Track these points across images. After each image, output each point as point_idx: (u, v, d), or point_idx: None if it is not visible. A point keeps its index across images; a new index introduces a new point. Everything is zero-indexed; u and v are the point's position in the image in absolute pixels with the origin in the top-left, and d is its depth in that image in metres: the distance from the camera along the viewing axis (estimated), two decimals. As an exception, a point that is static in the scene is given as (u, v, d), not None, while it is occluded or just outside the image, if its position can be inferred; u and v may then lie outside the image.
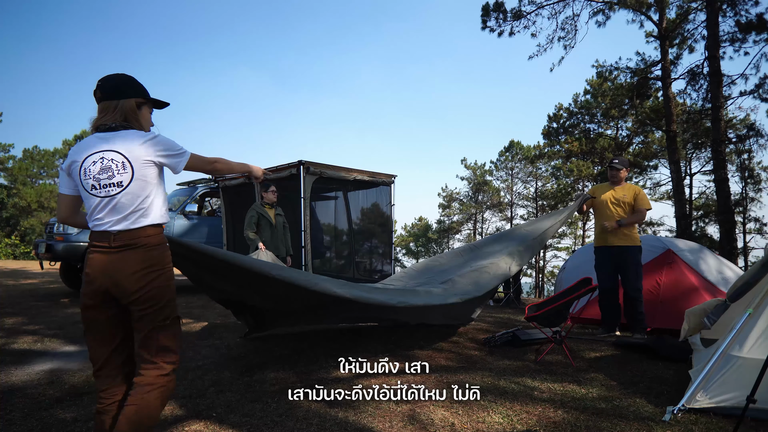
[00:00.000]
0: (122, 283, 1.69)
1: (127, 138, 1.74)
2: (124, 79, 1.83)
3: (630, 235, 4.33)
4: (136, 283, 1.70)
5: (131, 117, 1.80)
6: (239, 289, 3.21)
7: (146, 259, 1.73)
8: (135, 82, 1.85)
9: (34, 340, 4.02)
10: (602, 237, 4.46)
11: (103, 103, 1.79)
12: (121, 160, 1.71)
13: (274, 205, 5.03)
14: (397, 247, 36.37)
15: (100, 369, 1.79)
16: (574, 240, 28.65)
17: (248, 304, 3.57)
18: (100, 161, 1.71)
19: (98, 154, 1.72)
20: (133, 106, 1.81)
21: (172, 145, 1.80)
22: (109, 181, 1.70)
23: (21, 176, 29.96)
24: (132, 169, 1.72)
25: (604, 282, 4.35)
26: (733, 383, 2.46)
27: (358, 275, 6.98)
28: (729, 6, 11.13)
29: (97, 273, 1.70)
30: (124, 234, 1.71)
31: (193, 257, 2.77)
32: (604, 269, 4.43)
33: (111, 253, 1.70)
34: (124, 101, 1.79)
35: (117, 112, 1.78)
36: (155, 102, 1.92)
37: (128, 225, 1.71)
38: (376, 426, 2.35)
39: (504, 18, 12.58)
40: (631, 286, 4.28)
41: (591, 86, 21.09)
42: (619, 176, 4.47)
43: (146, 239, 1.74)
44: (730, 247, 9.64)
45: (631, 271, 4.28)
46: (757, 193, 21.56)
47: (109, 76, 1.83)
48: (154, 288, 1.73)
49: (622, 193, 4.39)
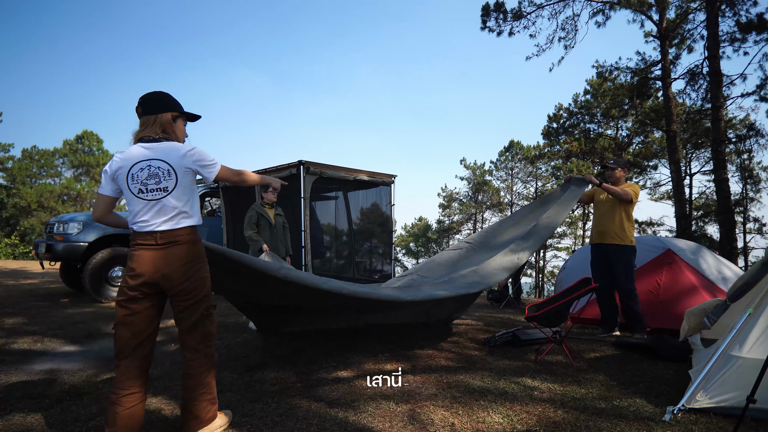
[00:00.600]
0: (171, 275, 1.95)
1: (171, 149, 2.00)
2: (160, 95, 2.09)
3: (623, 235, 4.32)
4: (183, 275, 1.97)
5: (168, 129, 2.06)
6: (256, 289, 3.21)
7: (190, 253, 2.00)
8: (170, 98, 2.11)
9: (34, 340, 4.02)
10: (597, 235, 4.48)
11: (144, 117, 2.05)
12: (166, 168, 1.97)
13: (274, 205, 5.02)
14: (397, 247, 36.37)
15: (124, 359, 1.97)
16: (574, 240, 28.66)
17: (263, 304, 3.58)
18: (147, 168, 1.96)
19: (145, 162, 1.96)
20: (169, 119, 2.07)
21: (207, 157, 2.06)
22: (156, 186, 1.96)
23: (20, 176, 29.95)
24: (176, 176, 1.98)
25: (598, 280, 4.35)
26: (733, 383, 2.46)
27: (358, 275, 6.98)
28: (728, 6, 11.13)
29: (145, 267, 1.94)
30: (168, 233, 1.96)
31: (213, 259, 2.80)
32: (597, 267, 4.48)
33: (158, 249, 1.95)
34: (161, 115, 2.05)
35: (156, 125, 2.03)
36: (188, 115, 2.18)
37: (173, 225, 1.97)
38: (376, 426, 2.35)
39: (504, 18, 12.58)
40: (621, 286, 4.30)
41: (591, 86, 21.09)
42: (615, 176, 4.48)
43: (188, 237, 2.01)
44: (730, 247, 9.64)
45: (621, 271, 4.28)
46: (757, 193, 21.59)
47: (149, 93, 2.08)
48: (197, 279, 2.01)
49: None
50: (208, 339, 2.11)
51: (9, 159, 30.68)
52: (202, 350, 2.09)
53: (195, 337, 2.07)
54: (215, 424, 2.18)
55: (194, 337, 2.07)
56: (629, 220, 4.38)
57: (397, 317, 3.97)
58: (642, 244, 5.30)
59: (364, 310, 3.65)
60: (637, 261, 4.79)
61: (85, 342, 4.02)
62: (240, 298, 3.54)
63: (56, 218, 6.42)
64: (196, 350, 2.08)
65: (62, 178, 31.71)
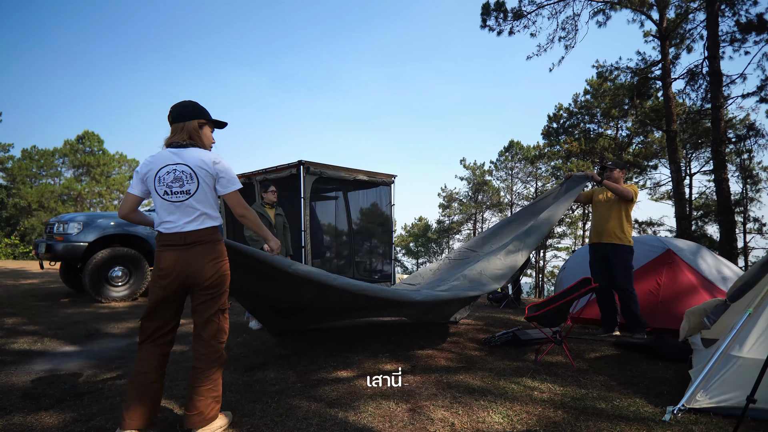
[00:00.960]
0: (197, 272, 2.09)
1: (196, 155, 2.13)
2: (188, 104, 2.22)
3: (621, 236, 4.34)
4: (209, 271, 2.11)
5: (195, 135, 2.20)
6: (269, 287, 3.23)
7: (213, 251, 2.14)
8: (198, 107, 2.24)
9: (33, 340, 4.02)
10: (596, 234, 4.51)
11: (174, 125, 2.19)
12: (189, 172, 2.10)
13: (274, 205, 5.03)
14: (396, 247, 36.36)
15: (157, 338, 2.15)
16: (574, 240, 28.66)
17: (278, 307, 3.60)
18: (173, 172, 2.09)
19: (171, 166, 2.10)
20: (196, 126, 2.21)
21: (230, 174, 2.19)
22: (180, 189, 2.09)
23: (20, 176, 29.94)
24: (198, 180, 2.11)
25: (597, 280, 4.33)
26: (733, 383, 2.46)
27: (358, 275, 6.98)
28: (728, 6, 11.12)
29: (172, 267, 2.09)
30: (193, 233, 2.10)
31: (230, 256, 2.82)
32: (596, 267, 4.50)
33: (184, 249, 2.09)
34: (188, 123, 2.19)
35: (184, 131, 2.17)
36: (215, 122, 2.31)
37: (197, 225, 2.11)
38: (376, 426, 2.35)
39: (504, 17, 12.58)
40: (619, 286, 4.31)
41: (591, 86, 21.09)
42: (613, 176, 4.49)
43: (211, 236, 2.15)
44: (730, 247, 9.64)
45: (619, 271, 4.30)
46: (757, 193, 21.58)
47: (178, 102, 2.23)
48: (220, 275, 2.15)
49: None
50: (221, 335, 2.20)
51: (9, 159, 30.68)
52: (213, 345, 2.17)
53: (209, 330, 2.17)
54: (215, 425, 2.19)
55: (208, 330, 2.17)
56: (628, 220, 4.39)
57: (401, 314, 3.99)
58: (642, 244, 5.30)
59: (370, 307, 3.66)
60: (637, 261, 4.82)
61: (85, 342, 4.02)
62: (252, 300, 3.55)
63: (56, 218, 6.42)
64: (209, 344, 2.16)
65: (62, 178, 31.72)
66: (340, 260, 7.21)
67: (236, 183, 2.21)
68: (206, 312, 2.15)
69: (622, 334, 4.49)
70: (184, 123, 2.18)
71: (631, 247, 4.36)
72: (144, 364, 2.13)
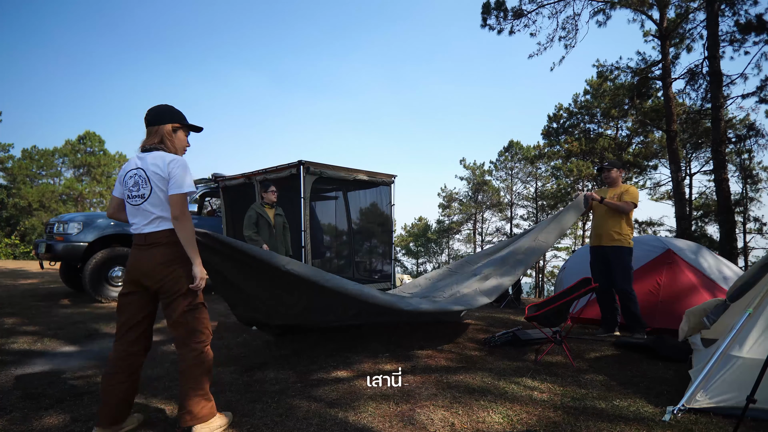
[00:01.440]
0: (149, 273, 2.13)
1: (153, 159, 2.16)
2: (162, 108, 2.26)
3: (620, 238, 4.37)
4: (159, 273, 2.12)
5: (167, 139, 2.22)
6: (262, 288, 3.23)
7: (169, 254, 2.14)
8: (173, 110, 2.27)
9: (33, 340, 4.02)
10: (596, 237, 4.55)
11: (148, 128, 2.24)
12: (144, 177, 2.15)
13: (274, 205, 5.03)
14: (396, 247, 36.36)
15: (121, 337, 2.20)
16: (574, 240, 28.65)
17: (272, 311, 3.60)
18: (134, 176, 2.17)
19: (133, 171, 2.18)
20: (170, 130, 2.24)
21: (178, 176, 2.14)
22: (137, 193, 2.16)
23: (20, 176, 29.93)
24: (151, 185, 2.14)
25: (598, 281, 4.39)
26: (733, 383, 2.46)
27: (358, 275, 6.97)
28: (728, 6, 11.12)
29: (131, 265, 2.18)
30: (151, 235, 2.15)
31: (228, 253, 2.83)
32: (597, 268, 4.54)
33: (144, 249, 2.15)
34: (162, 126, 2.22)
35: (156, 135, 2.21)
36: (190, 126, 2.33)
37: (154, 228, 2.15)
38: (376, 426, 2.35)
39: (504, 16, 12.57)
40: (618, 286, 4.36)
41: (591, 86, 21.09)
42: (611, 176, 4.57)
43: (167, 239, 2.15)
44: (730, 247, 9.64)
45: (619, 272, 4.35)
46: (757, 193, 21.58)
47: (153, 106, 2.26)
48: (174, 278, 2.14)
49: (615, 194, 4.49)
50: (195, 335, 2.18)
51: (9, 159, 30.67)
52: (190, 345, 2.17)
53: (180, 331, 2.18)
54: (215, 424, 2.20)
55: (180, 331, 2.18)
56: (628, 222, 4.41)
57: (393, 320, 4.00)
58: (642, 244, 5.31)
59: (361, 314, 3.66)
60: (637, 261, 4.85)
61: (85, 342, 4.02)
62: (246, 309, 3.54)
63: (56, 218, 6.41)
64: (185, 344, 2.18)
65: (62, 178, 31.72)
66: (340, 260, 7.20)
67: (183, 187, 2.13)
68: (172, 314, 2.17)
69: (622, 334, 4.50)
70: (158, 126, 2.22)
71: (630, 248, 4.38)
72: (112, 364, 2.17)
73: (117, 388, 2.14)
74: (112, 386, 2.14)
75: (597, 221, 4.55)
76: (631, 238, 4.41)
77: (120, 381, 2.15)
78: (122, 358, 2.17)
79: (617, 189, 4.51)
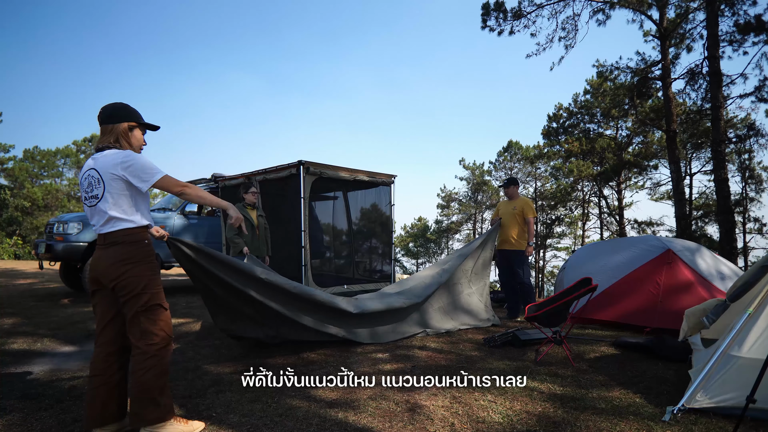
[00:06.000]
0: (105, 272, 2.13)
1: (106, 158, 2.12)
2: (117, 106, 2.22)
3: (517, 243, 5.45)
4: (113, 273, 2.11)
5: (123, 138, 2.19)
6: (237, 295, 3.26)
7: (123, 253, 2.12)
8: (128, 108, 2.23)
9: (33, 340, 4.02)
10: (501, 242, 5.61)
11: (102, 127, 2.20)
12: (96, 177, 2.12)
13: (255, 206, 5.05)
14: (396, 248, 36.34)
15: (97, 338, 2.22)
16: (573, 240, 28.64)
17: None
18: (88, 177, 2.15)
19: (87, 172, 2.15)
20: (125, 129, 2.20)
21: (143, 168, 2.12)
22: (91, 194, 2.14)
23: (22, 176, 29.92)
24: (104, 184, 2.11)
25: (502, 275, 5.72)
26: (733, 383, 2.46)
27: (358, 275, 6.97)
28: (728, 6, 11.12)
29: (92, 265, 2.20)
30: (108, 235, 2.14)
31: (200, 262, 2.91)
32: (501, 266, 5.69)
33: (103, 248, 2.15)
34: (117, 125, 2.18)
35: (111, 134, 2.18)
36: (146, 125, 2.29)
37: (110, 228, 2.13)
38: (376, 426, 2.35)
39: (504, 17, 12.58)
40: (520, 280, 5.48)
41: (591, 86, 21.06)
42: (508, 192, 5.76)
43: (124, 238, 2.13)
44: (730, 247, 9.64)
45: (519, 270, 5.47)
46: (757, 193, 21.57)
47: (107, 105, 2.21)
48: (129, 277, 2.11)
49: (513, 206, 5.53)
50: (148, 337, 2.12)
51: (10, 159, 30.65)
52: (141, 347, 2.11)
53: (134, 332, 2.14)
54: (169, 429, 2.15)
55: (133, 332, 2.14)
56: (528, 230, 5.46)
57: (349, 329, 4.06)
58: (642, 244, 5.32)
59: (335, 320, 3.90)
60: (636, 261, 5.01)
61: (84, 342, 4.02)
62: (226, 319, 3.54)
63: (56, 218, 6.41)
64: (136, 346, 2.13)
65: (64, 178, 31.70)
66: (340, 260, 7.20)
67: (155, 172, 2.13)
68: (127, 313, 2.14)
69: (618, 333, 4.51)
70: (113, 125, 2.17)
71: (524, 251, 5.44)
72: (92, 366, 2.17)
73: (99, 390, 2.12)
74: (94, 388, 2.12)
75: (501, 229, 5.57)
76: (526, 243, 5.44)
77: (101, 383, 2.13)
78: (102, 359, 2.16)
79: (516, 201, 5.55)
